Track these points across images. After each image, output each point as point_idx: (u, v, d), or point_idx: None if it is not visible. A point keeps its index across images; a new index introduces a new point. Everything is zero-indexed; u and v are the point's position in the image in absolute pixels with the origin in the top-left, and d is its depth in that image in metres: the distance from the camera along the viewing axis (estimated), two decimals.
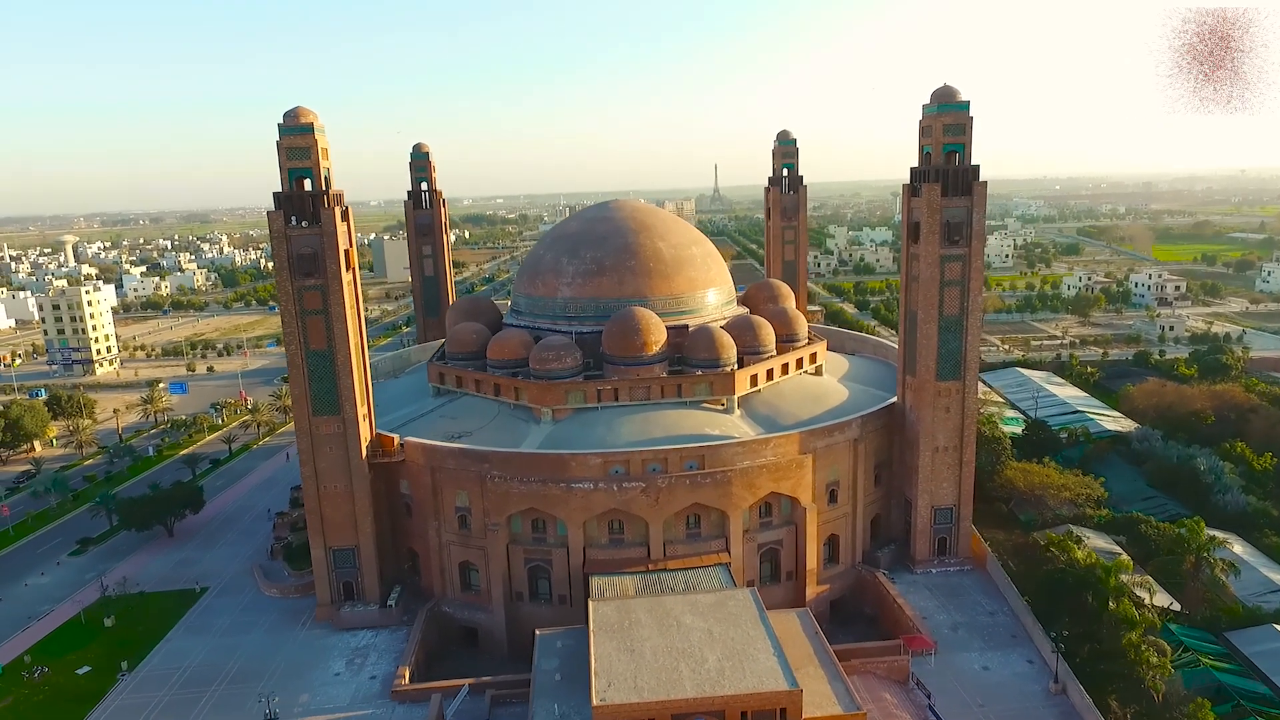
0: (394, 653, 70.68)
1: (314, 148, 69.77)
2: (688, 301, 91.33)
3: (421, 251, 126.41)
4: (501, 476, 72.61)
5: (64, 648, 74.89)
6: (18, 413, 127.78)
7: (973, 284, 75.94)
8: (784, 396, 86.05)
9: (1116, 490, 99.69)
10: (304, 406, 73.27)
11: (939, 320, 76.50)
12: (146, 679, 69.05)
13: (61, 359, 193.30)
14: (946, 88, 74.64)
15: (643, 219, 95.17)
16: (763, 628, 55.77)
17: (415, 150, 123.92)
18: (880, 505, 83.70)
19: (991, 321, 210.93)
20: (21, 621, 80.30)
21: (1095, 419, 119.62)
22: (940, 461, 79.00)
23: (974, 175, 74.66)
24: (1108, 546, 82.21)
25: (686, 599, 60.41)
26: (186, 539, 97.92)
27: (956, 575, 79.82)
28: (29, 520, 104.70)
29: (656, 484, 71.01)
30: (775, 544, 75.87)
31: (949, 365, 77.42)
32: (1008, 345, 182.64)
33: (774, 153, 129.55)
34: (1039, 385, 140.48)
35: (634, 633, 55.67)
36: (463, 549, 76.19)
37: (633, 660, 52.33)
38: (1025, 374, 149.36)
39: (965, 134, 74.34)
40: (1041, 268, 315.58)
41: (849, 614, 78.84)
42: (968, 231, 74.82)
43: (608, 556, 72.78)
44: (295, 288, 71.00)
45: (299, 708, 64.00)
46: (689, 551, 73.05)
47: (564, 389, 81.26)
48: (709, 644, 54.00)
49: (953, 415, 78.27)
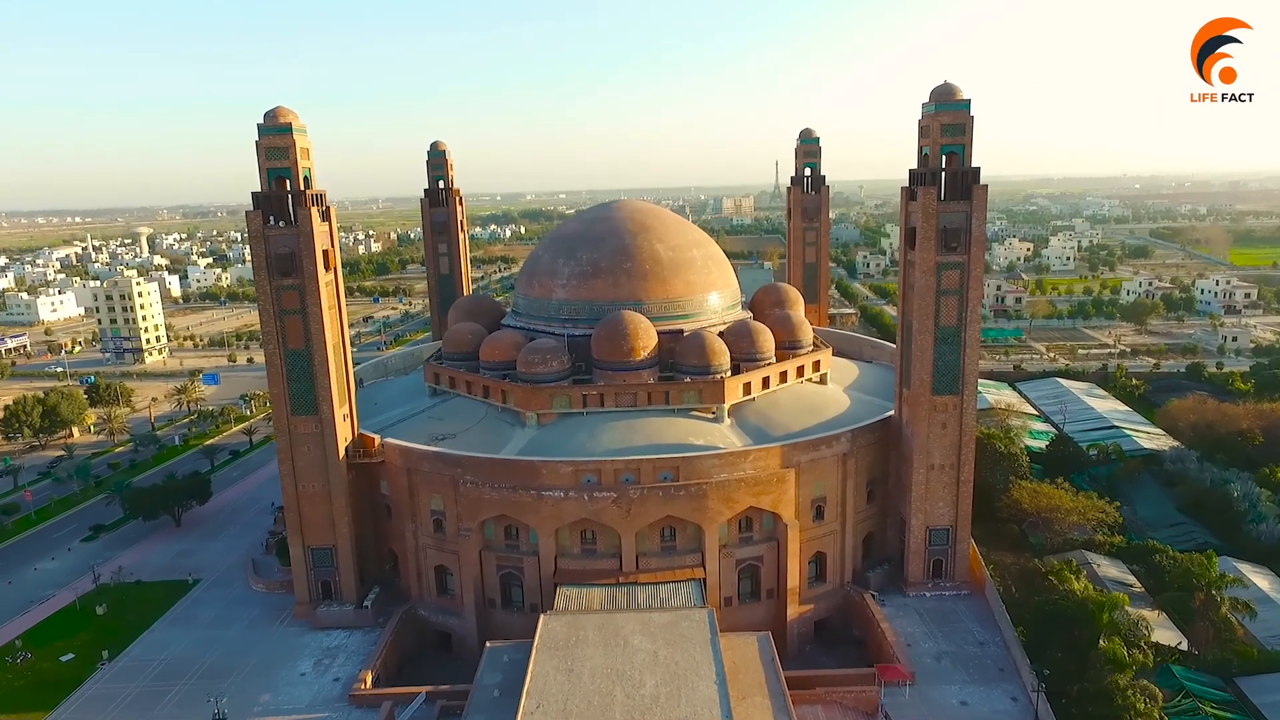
0: (363, 655, 70.34)
1: (292, 148, 69.70)
2: (685, 305, 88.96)
3: (437, 249, 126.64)
4: (474, 481, 71.68)
5: (55, 634, 76.94)
6: (55, 400, 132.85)
7: (971, 293, 71.69)
8: (779, 406, 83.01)
9: (1143, 514, 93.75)
10: (282, 406, 73.55)
11: (935, 331, 72.48)
12: (123, 670, 70.25)
13: (113, 347, 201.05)
14: (945, 85, 70.50)
15: (642, 220, 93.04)
16: (711, 652, 53.44)
17: (432, 148, 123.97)
18: (874, 523, 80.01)
19: (1040, 328, 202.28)
20: (23, 606, 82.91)
21: (1131, 435, 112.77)
22: (936, 480, 74.95)
23: (974, 178, 70.39)
24: (1120, 576, 77.03)
25: (641, 617, 58.42)
26: (192, 529, 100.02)
27: (951, 600, 75.72)
28: (51, 505, 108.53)
29: (628, 495, 69.06)
30: (755, 560, 73.11)
31: (946, 379, 73.32)
32: (1053, 353, 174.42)
33: (796, 151, 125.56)
34: (1076, 397, 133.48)
35: (578, 651, 53.97)
36: (438, 553, 75.57)
37: (569, 681, 50.64)
38: (1064, 385, 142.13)
39: (965, 134, 70.09)
40: (1105, 271, 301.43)
41: (836, 636, 75.63)
42: (966, 238, 70.60)
43: (579, 567, 71.20)
44: (273, 287, 71.17)
45: (259, 707, 64.13)
46: (663, 565, 70.91)
47: (549, 393, 79.90)
48: (651, 667, 51.93)
49: (949, 431, 74.12)
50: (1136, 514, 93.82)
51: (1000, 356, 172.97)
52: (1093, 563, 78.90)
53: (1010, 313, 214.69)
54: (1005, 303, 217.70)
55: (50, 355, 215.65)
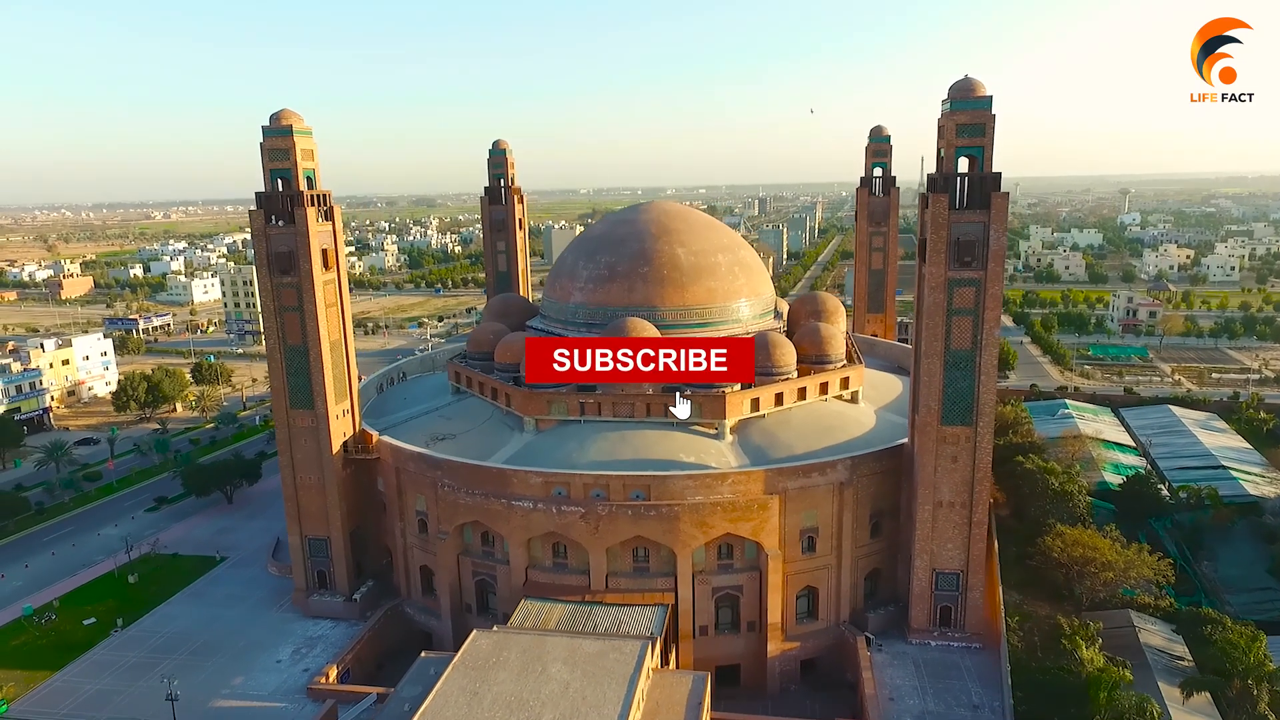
0: (340, 648, 71.64)
1: (292, 149, 71.40)
2: (705, 313, 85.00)
3: (496, 247, 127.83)
4: (451, 486, 71.26)
5: (89, 598, 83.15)
6: (158, 377, 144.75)
7: (988, 313, 63.80)
8: (789, 426, 77.68)
9: (1225, 573, 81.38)
10: (282, 399, 75.86)
11: (945, 355, 65.09)
12: (130, 638, 74.89)
13: (236, 329, 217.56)
14: (966, 80, 62.87)
15: (666, 223, 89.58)
16: (626, 689, 50.11)
17: (494, 147, 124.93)
18: (881, 560, 73.29)
19: (1173, 347, 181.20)
20: (77, 569, 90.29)
21: (1238, 478, 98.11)
22: (944, 519, 67.53)
23: (994, 185, 62.49)
24: (1167, 645, 66.82)
25: (571, 643, 55.73)
26: (241, 508, 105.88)
27: (958, 652, 68.17)
28: (132, 475, 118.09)
29: (596, 511, 66.42)
30: (734, 590, 68.61)
31: (958, 408, 65.73)
32: (1179, 376, 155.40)
33: (866, 150, 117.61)
34: (1187, 429, 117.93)
35: (492, 674, 52.09)
36: (422, 553, 75.86)
37: (467, 707, 48.86)
38: (1177, 413, 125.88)
39: (984, 136, 62.25)
40: (1275, 284, 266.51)
41: (827, 678, 69.85)
42: (983, 251, 62.84)
43: (549, 580, 69.29)
44: (273, 285, 73.41)
45: (226, 690, 66.43)
46: (633, 586, 67.82)
47: (547, 399, 78.40)
48: (556, 700, 49.30)
49: (961, 466, 66.50)
50: (1218, 572, 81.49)
51: (1114, 377, 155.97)
52: (1139, 626, 68.89)
53: (1140, 328, 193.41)
54: (1136, 316, 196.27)
55: (188, 334, 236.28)
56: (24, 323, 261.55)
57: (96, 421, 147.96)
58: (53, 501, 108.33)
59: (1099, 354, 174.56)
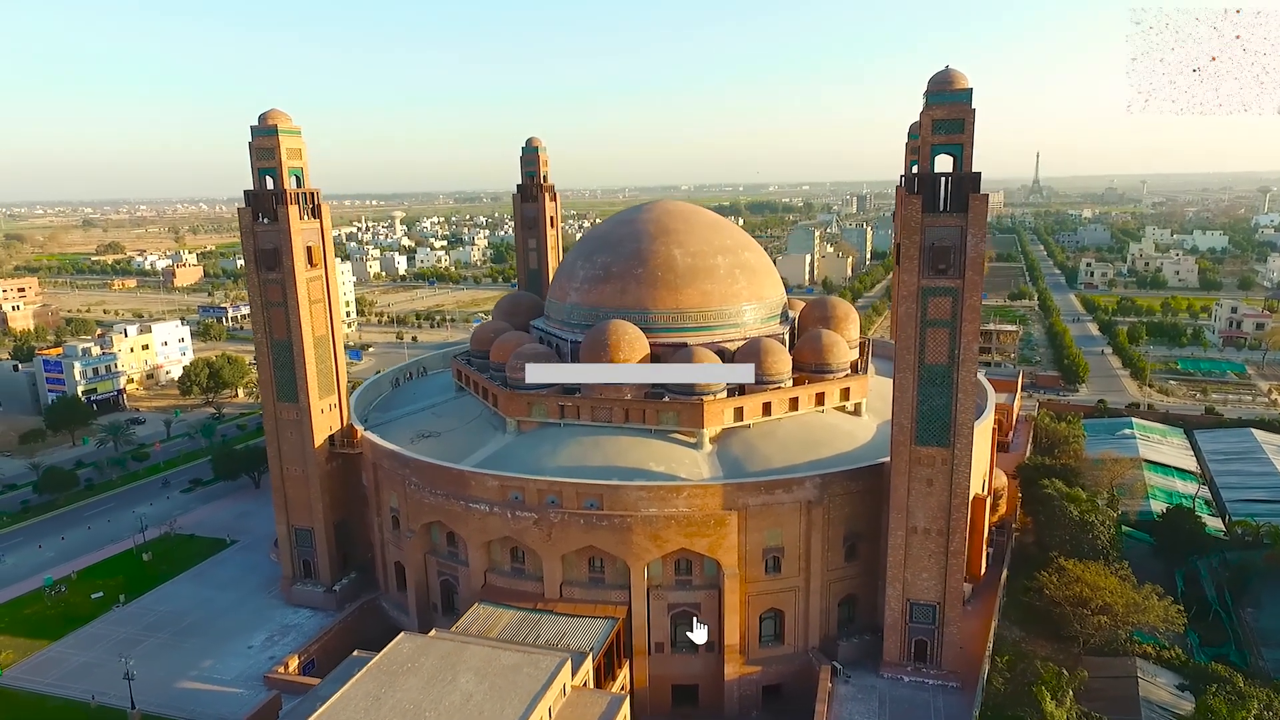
0: (309, 638, 72.94)
1: (277, 149, 72.92)
2: (700, 317, 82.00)
3: (527, 244, 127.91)
4: (417, 484, 71.33)
5: (104, 573, 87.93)
6: (220, 364, 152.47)
7: (966, 326, 58.43)
8: (773, 437, 74.03)
9: (1267, 624, 72.44)
10: (269, 391, 77.85)
11: (918, 369, 60.11)
12: (126, 615, 78.66)
13: None
14: (945, 72, 57.65)
15: (666, 223, 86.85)
16: (526, 706, 48.48)
17: (527, 144, 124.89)
18: (857, 585, 68.71)
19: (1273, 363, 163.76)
20: (104, 544, 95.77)
21: None
22: (919, 547, 62.54)
23: (973, 185, 57.14)
24: (1173, 701, 59.87)
25: (490, 654, 54.47)
26: (266, 493, 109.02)
27: (931, 691, 63.04)
28: (179, 457, 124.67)
29: (549, 518, 64.96)
30: (691, 607, 65.72)
31: (933, 427, 60.63)
32: (1276, 396, 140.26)
33: (906, 149, 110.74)
34: (1266, 456, 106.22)
35: (401, 681, 51.47)
36: (396, 549, 76.38)
37: (367, 714, 48.36)
38: (1259, 438, 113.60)
39: (963, 132, 56.89)
40: None
41: (791, 706, 66.06)
42: (959, 258, 57.59)
43: (506, 585, 68.39)
44: (260, 280, 75.31)
45: (194, 672, 68.68)
46: (587, 597, 66.00)
47: (527, 400, 77.50)
48: (453, 714, 48.18)
49: (937, 490, 61.35)
50: (1258, 621, 72.62)
51: (1198, 394, 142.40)
52: (1143, 677, 62.09)
53: (1244, 341, 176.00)
54: (1240, 328, 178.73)
55: None
56: (134, 308, 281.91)
57: (166, 404, 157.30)
58: (102, 479, 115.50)
59: (1188, 368, 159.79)
